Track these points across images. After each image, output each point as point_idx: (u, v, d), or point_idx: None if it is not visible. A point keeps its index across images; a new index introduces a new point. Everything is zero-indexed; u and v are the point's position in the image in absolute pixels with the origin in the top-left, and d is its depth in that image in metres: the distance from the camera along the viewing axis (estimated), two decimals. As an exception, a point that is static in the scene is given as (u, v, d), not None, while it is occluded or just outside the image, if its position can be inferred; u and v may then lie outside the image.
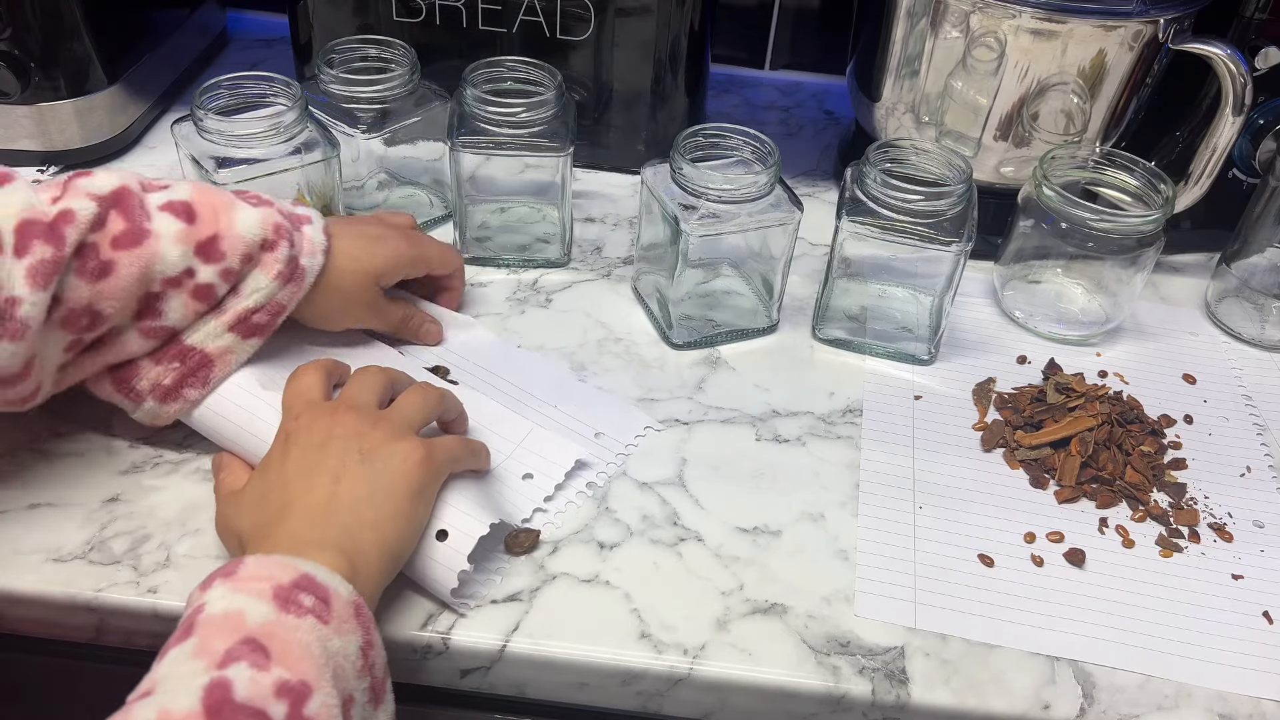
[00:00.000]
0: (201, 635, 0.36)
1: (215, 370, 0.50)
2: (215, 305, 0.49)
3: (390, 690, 0.40)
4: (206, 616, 0.36)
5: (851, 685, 0.45)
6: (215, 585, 0.38)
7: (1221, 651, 0.48)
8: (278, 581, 0.38)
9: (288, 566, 0.38)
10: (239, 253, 0.49)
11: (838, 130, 0.88)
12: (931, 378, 0.63)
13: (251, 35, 0.94)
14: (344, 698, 0.36)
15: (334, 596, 0.38)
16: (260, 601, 0.37)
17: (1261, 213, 0.66)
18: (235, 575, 0.38)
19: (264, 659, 0.35)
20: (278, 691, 0.34)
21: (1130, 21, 0.62)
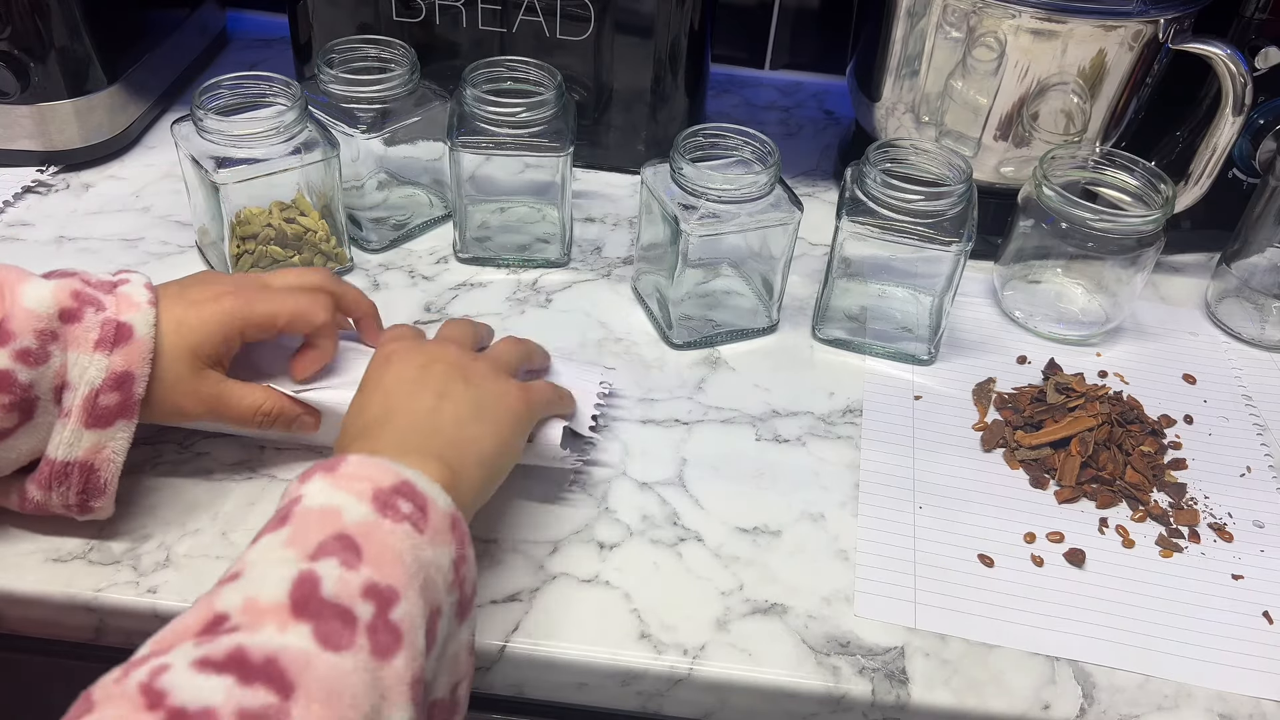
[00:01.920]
0: (296, 526, 0.36)
1: (102, 473, 0.45)
2: (25, 396, 0.43)
3: (475, 607, 0.40)
4: (303, 509, 0.36)
5: (851, 685, 0.45)
6: (315, 478, 0.38)
7: (1221, 652, 0.48)
8: (378, 484, 0.37)
9: (389, 470, 0.38)
10: (31, 329, 0.43)
11: (838, 130, 0.88)
12: (931, 378, 0.63)
13: (251, 35, 0.94)
14: (431, 608, 0.36)
15: (431, 506, 0.38)
16: (359, 501, 0.36)
17: (1262, 213, 0.66)
18: (336, 471, 0.38)
19: (355, 558, 0.35)
20: (365, 592, 0.34)
21: (1130, 21, 0.62)
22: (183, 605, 0.46)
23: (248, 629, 0.32)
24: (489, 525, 0.51)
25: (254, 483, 0.52)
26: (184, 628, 0.33)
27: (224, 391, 0.48)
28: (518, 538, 0.50)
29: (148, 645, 0.33)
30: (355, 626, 0.33)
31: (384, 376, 0.45)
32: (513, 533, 0.51)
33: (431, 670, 0.36)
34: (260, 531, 0.37)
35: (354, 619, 0.33)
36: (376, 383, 0.45)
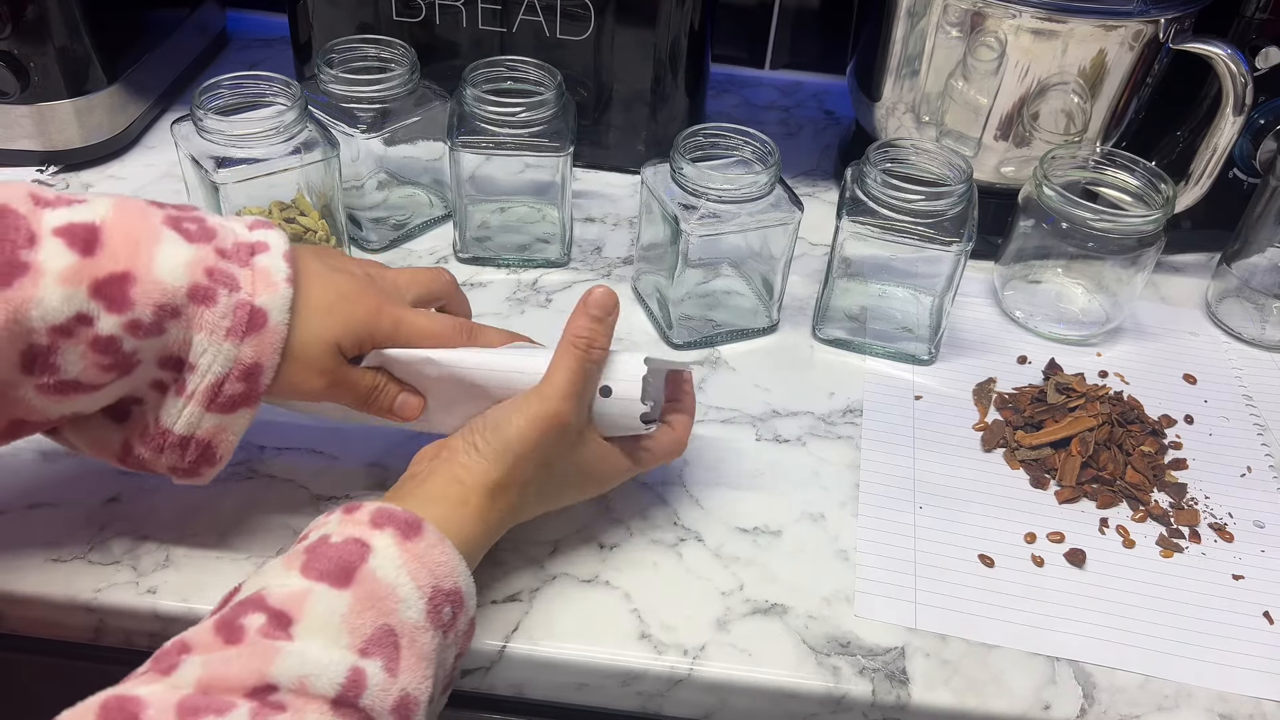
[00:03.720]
0: (357, 599, 0.36)
1: (219, 449, 0.44)
2: (126, 360, 0.40)
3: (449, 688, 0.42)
4: (370, 577, 0.37)
5: (852, 686, 0.45)
6: (388, 537, 0.38)
7: (1222, 652, 0.48)
8: (438, 584, 0.38)
9: (453, 570, 0.39)
10: (152, 302, 0.40)
11: (838, 130, 0.88)
12: (932, 378, 0.63)
13: (251, 35, 0.94)
14: (429, 698, 0.37)
15: (463, 614, 0.40)
16: (418, 596, 0.37)
17: (1262, 213, 0.66)
18: (412, 542, 0.38)
19: (395, 663, 0.36)
20: (395, 706, 0.35)
21: (1131, 21, 0.62)
22: (183, 606, 0.46)
23: (294, 714, 0.33)
24: (489, 525, 0.51)
25: (254, 483, 0.52)
26: (237, 681, 0.33)
27: (344, 370, 0.46)
28: (518, 537, 0.50)
29: (193, 678, 0.33)
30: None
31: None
32: (513, 532, 0.50)
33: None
34: (314, 556, 0.37)
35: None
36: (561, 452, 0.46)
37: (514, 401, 0.45)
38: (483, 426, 0.45)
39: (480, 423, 0.45)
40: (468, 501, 0.43)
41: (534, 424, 0.44)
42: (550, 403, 0.44)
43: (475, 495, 0.43)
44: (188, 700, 0.32)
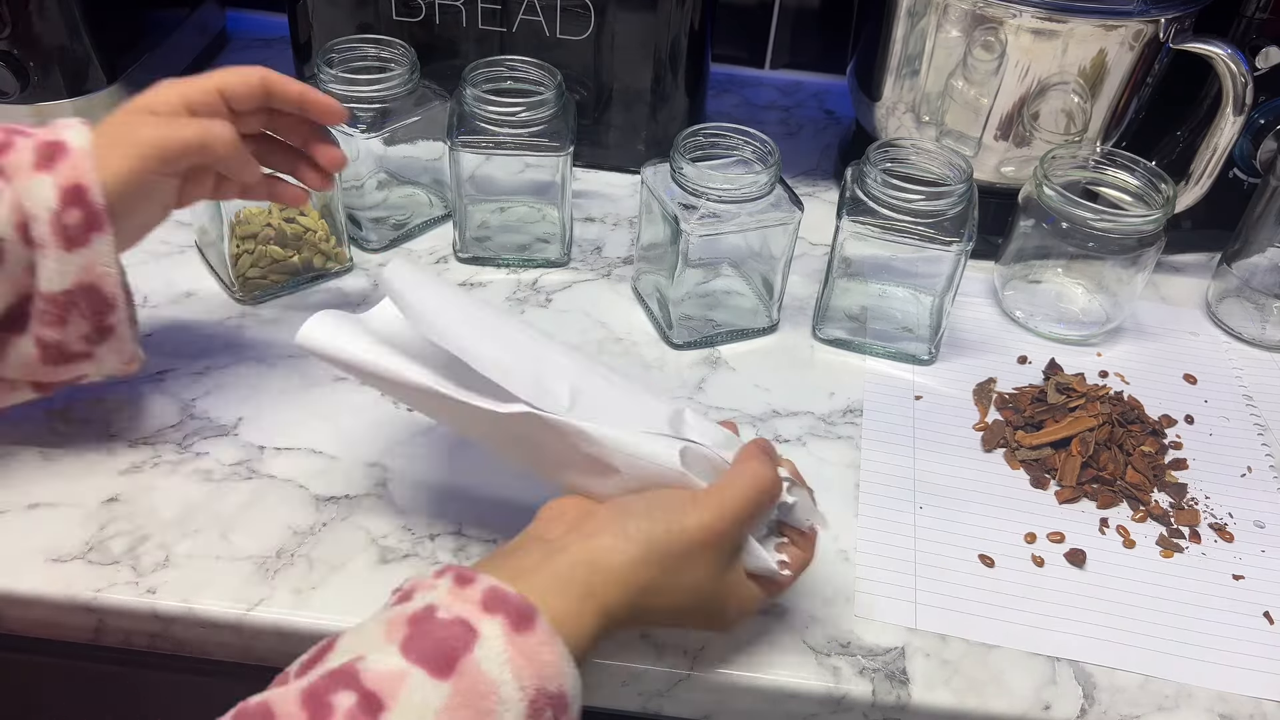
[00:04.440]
0: (457, 696, 0.32)
1: (104, 287, 0.45)
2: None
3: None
4: (474, 668, 0.33)
5: (852, 686, 0.45)
6: (498, 624, 0.34)
7: (1222, 652, 0.48)
8: (543, 686, 0.34)
9: (560, 672, 0.35)
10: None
11: (838, 130, 0.88)
12: (932, 378, 0.63)
13: (251, 34, 0.94)
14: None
15: (565, 718, 0.36)
16: (519, 698, 0.33)
17: (1262, 212, 0.66)
18: (523, 635, 0.34)
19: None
20: None
21: (1131, 21, 0.62)
22: (183, 606, 0.46)
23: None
24: (489, 525, 0.51)
25: (253, 483, 0.52)
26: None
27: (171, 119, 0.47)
28: (518, 538, 0.50)
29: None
30: None
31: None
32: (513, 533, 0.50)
33: None
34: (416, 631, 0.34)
35: None
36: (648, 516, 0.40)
37: (679, 499, 0.40)
38: (640, 513, 0.40)
39: (637, 507, 0.40)
40: (594, 593, 0.38)
41: (701, 533, 0.39)
42: (724, 521, 0.40)
43: (606, 589, 0.38)
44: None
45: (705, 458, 0.42)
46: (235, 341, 0.60)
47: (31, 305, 0.45)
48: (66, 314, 0.45)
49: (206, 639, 0.47)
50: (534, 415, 0.41)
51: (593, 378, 0.44)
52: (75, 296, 0.45)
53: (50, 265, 0.44)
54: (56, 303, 0.44)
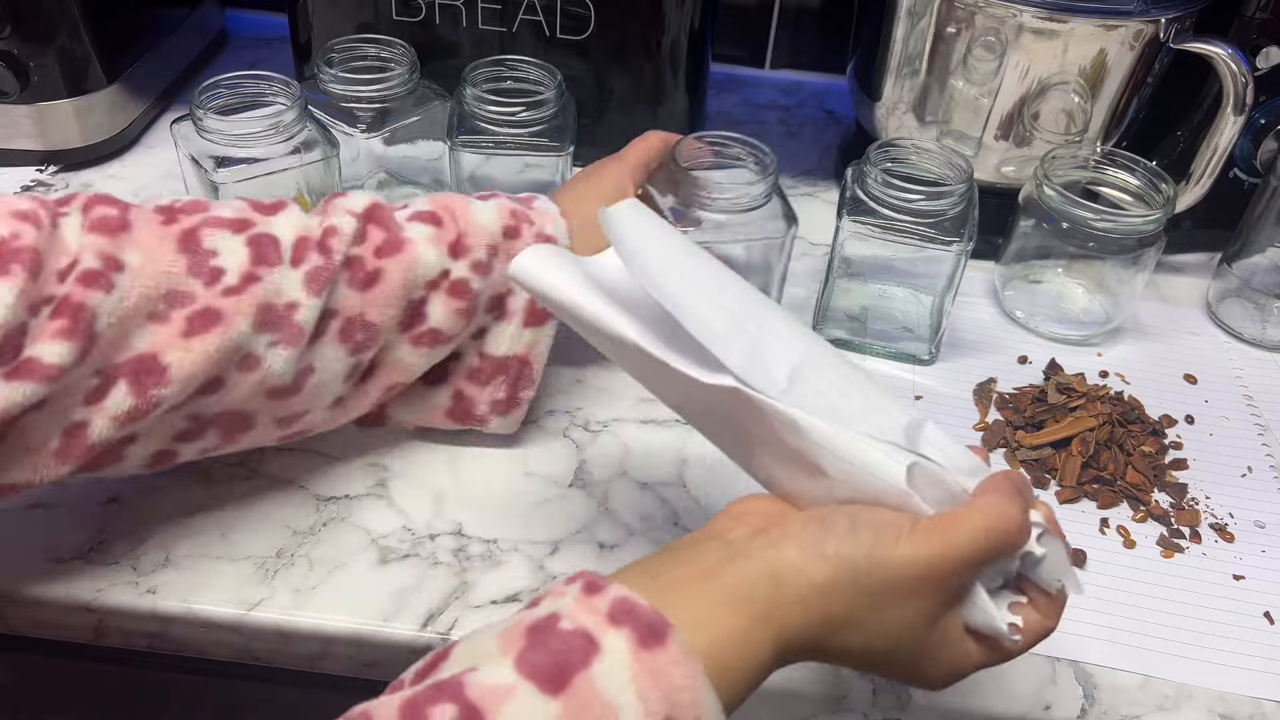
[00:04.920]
0: (564, 710, 0.29)
1: (534, 367, 0.52)
2: (473, 303, 0.49)
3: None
4: (589, 684, 0.29)
5: (852, 686, 0.45)
6: (624, 637, 0.30)
7: (1222, 652, 0.48)
8: (673, 712, 0.30)
9: (695, 696, 0.30)
10: (483, 244, 0.49)
11: (838, 130, 0.88)
12: (932, 378, 0.63)
13: (251, 34, 0.94)
14: None
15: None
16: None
17: (1263, 212, 0.66)
18: (651, 651, 0.30)
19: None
20: None
21: (1131, 21, 0.62)
22: (183, 606, 0.46)
23: None
24: (489, 525, 0.51)
25: (253, 483, 0.52)
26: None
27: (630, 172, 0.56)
28: (518, 538, 0.50)
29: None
30: None
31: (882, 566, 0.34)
32: (513, 533, 0.51)
33: None
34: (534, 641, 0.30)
35: None
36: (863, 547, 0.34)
37: (894, 522, 0.34)
38: (843, 531, 0.34)
39: (840, 523, 0.34)
40: (773, 616, 0.33)
41: (914, 569, 0.34)
42: (946, 561, 0.34)
43: (787, 612, 0.33)
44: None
45: (940, 481, 0.36)
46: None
47: (460, 364, 0.51)
48: (494, 376, 0.51)
49: (206, 639, 0.47)
50: (739, 392, 0.35)
51: (821, 362, 0.38)
52: (511, 364, 0.51)
53: (508, 332, 0.51)
54: (493, 364, 0.51)
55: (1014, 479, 0.37)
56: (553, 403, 0.58)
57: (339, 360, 0.46)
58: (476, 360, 0.51)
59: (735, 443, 0.39)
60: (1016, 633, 0.36)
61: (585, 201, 0.54)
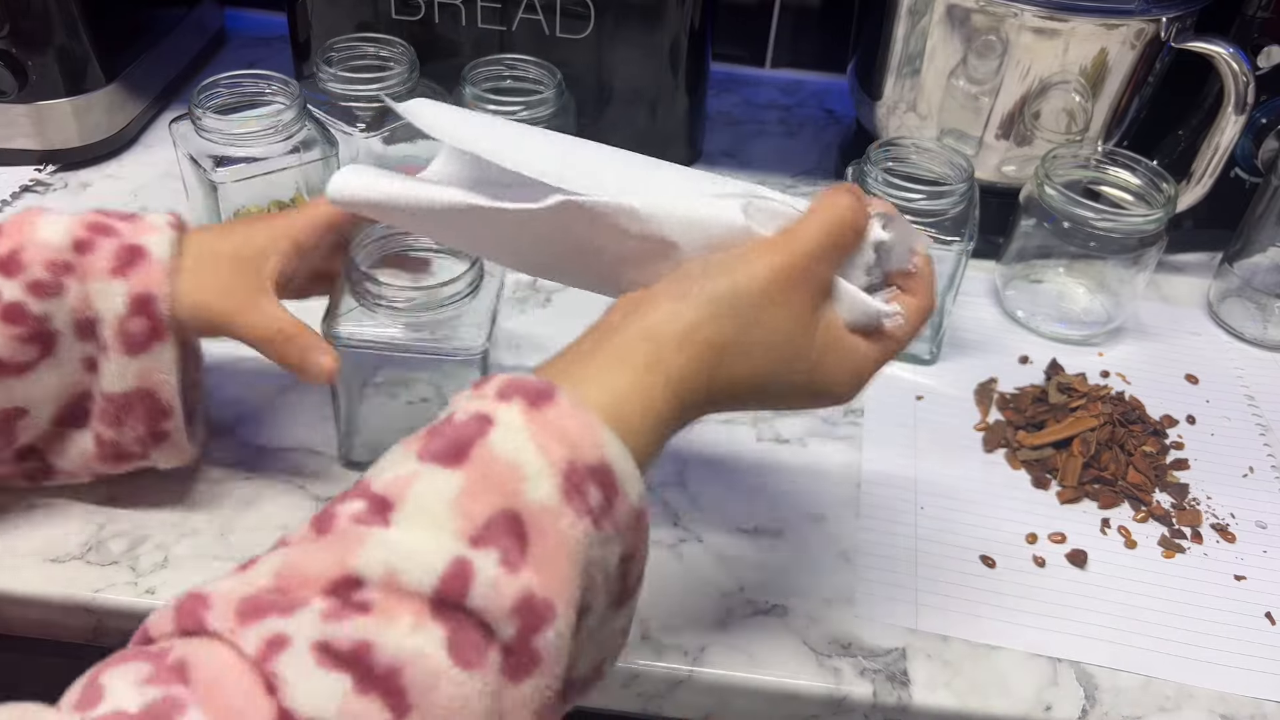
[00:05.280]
0: (471, 479, 0.30)
1: (161, 394, 0.45)
2: (38, 329, 0.42)
3: (638, 595, 0.35)
4: (488, 452, 0.30)
5: (853, 687, 0.45)
6: (515, 405, 0.31)
7: (1224, 653, 0.48)
8: (576, 457, 0.31)
9: (594, 443, 0.31)
10: (43, 259, 0.42)
11: (839, 129, 0.88)
12: (933, 378, 0.63)
13: (249, 33, 0.93)
14: (581, 608, 0.31)
15: (620, 501, 0.32)
16: (549, 474, 0.30)
17: (1264, 212, 0.66)
18: (541, 410, 0.31)
19: (518, 554, 0.29)
20: (515, 608, 0.29)
21: (1132, 20, 0.62)
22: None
23: (380, 616, 0.28)
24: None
25: (253, 483, 0.52)
26: (315, 573, 0.29)
27: (263, 298, 0.45)
28: (518, 538, 0.50)
29: (270, 569, 0.29)
30: (492, 642, 0.29)
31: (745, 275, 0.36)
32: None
33: (571, 660, 0.31)
34: (433, 436, 0.31)
35: (492, 636, 0.29)
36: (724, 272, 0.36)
37: (743, 250, 0.36)
38: (698, 273, 0.36)
39: (694, 268, 0.36)
40: (659, 362, 0.34)
41: (772, 274, 0.35)
42: (796, 256, 0.36)
43: (670, 357, 0.35)
44: (252, 598, 0.28)
45: (775, 212, 0.37)
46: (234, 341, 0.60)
47: (91, 403, 0.45)
48: (124, 415, 0.45)
49: (205, 640, 0.47)
50: (573, 203, 0.37)
51: (644, 164, 0.40)
52: (133, 400, 0.45)
53: (112, 368, 0.44)
54: (115, 402, 0.45)
55: (843, 185, 0.39)
56: (552, 403, 0.58)
57: None
58: (101, 401, 0.45)
59: (591, 269, 0.40)
60: (898, 316, 0.38)
61: (211, 234, 0.47)
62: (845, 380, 0.39)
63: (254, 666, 0.27)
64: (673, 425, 0.35)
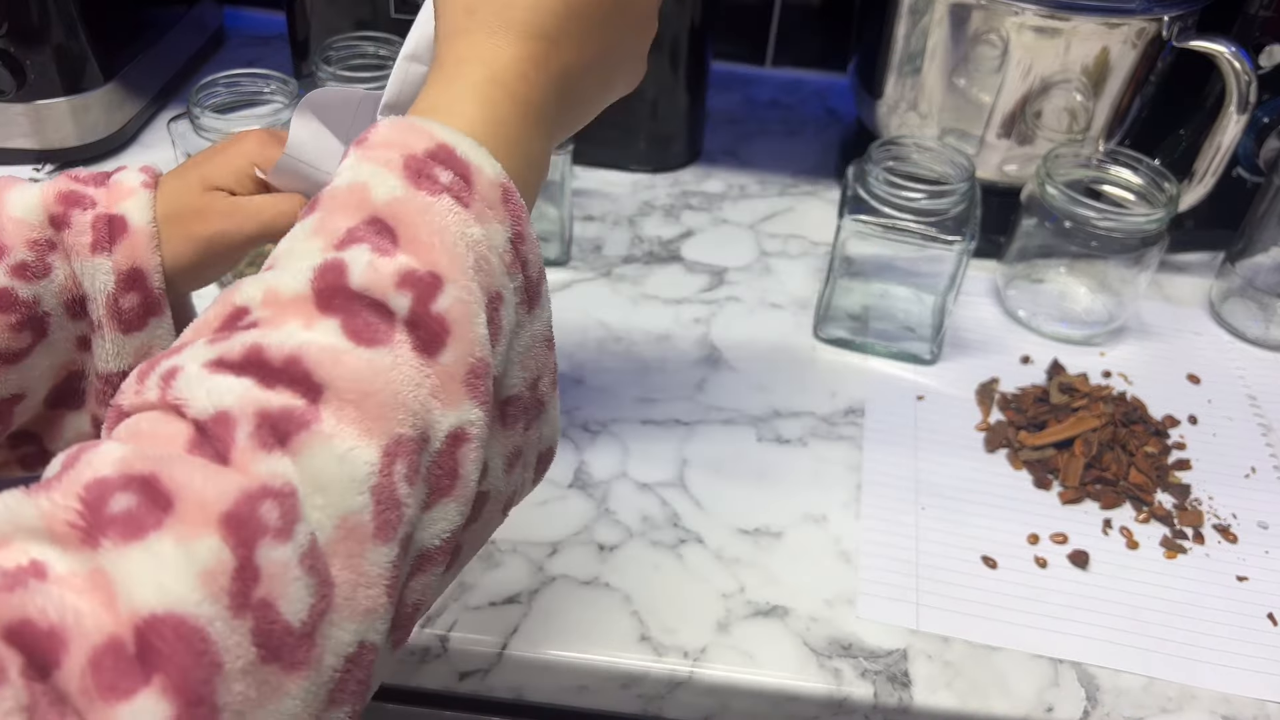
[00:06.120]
0: (324, 211, 0.31)
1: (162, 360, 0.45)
2: (29, 314, 0.40)
3: (547, 295, 0.34)
4: (332, 188, 0.31)
5: (853, 688, 0.45)
6: (350, 154, 0.32)
7: (1225, 654, 0.48)
8: (408, 150, 0.31)
9: (420, 132, 0.32)
10: (23, 239, 0.40)
11: (840, 128, 0.87)
12: (934, 378, 0.62)
13: (248, 32, 0.93)
14: (489, 294, 0.31)
15: (477, 175, 0.32)
16: (388, 173, 0.31)
17: (1266, 211, 0.66)
18: (364, 142, 0.32)
19: (389, 243, 0.30)
20: (400, 281, 0.29)
21: (1134, 19, 0.62)
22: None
23: (267, 325, 0.28)
24: (488, 526, 0.51)
25: (251, 483, 0.52)
26: (204, 323, 0.29)
27: (238, 201, 0.43)
28: (517, 539, 0.50)
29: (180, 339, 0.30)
30: (392, 321, 0.29)
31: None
32: (512, 533, 0.50)
33: (501, 364, 0.32)
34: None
35: (390, 312, 0.29)
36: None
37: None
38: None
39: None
40: (466, 59, 0.34)
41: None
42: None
43: (477, 45, 0.35)
44: (149, 363, 0.28)
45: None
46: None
47: (86, 382, 0.44)
48: None
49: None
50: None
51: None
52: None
53: (107, 347, 0.42)
54: (112, 382, 0.43)
55: None
56: (552, 403, 0.58)
57: None
58: (97, 382, 0.43)
59: None
60: None
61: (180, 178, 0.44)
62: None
63: (159, 405, 0.27)
64: (518, 105, 0.35)
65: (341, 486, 0.26)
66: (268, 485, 0.25)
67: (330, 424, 0.27)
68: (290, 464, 0.26)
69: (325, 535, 0.26)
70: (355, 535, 0.26)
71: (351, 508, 0.26)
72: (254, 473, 0.25)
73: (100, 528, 0.23)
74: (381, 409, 0.27)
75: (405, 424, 0.28)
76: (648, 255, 0.70)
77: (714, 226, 0.74)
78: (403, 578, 0.29)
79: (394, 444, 0.27)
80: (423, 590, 0.30)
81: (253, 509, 0.24)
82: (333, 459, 0.26)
